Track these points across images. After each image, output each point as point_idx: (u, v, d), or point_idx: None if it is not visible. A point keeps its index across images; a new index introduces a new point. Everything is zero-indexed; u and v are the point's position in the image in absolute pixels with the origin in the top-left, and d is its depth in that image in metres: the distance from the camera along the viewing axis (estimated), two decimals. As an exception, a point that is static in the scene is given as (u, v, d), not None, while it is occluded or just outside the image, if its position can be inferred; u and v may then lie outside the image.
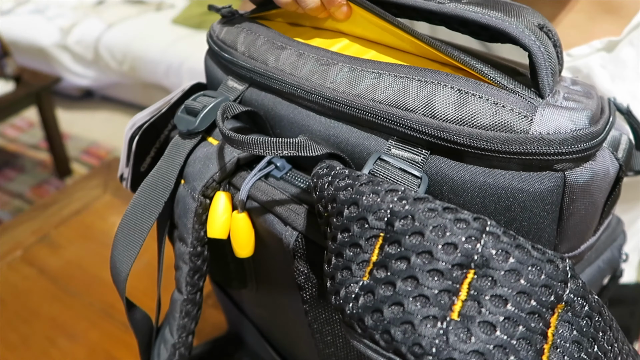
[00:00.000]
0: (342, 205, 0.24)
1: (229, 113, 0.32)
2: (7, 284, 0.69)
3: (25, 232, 0.76)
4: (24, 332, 0.63)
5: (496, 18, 0.27)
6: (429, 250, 0.22)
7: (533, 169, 0.26)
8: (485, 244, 0.22)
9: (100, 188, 0.85)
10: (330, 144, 0.31)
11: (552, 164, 0.26)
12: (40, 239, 0.75)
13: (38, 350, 0.61)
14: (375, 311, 0.22)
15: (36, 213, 0.79)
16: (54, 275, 0.70)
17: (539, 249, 0.22)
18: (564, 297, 0.21)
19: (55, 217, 0.78)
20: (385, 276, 0.22)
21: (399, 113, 0.28)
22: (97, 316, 0.65)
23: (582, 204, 0.28)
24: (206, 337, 0.60)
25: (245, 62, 0.35)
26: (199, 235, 0.33)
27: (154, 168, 0.34)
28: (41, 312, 0.65)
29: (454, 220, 0.22)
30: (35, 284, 0.69)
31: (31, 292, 0.68)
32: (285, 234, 0.31)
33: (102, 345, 0.62)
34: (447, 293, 0.21)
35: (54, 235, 0.76)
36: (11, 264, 0.71)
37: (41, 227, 0.77)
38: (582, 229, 0.30)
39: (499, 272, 0.21)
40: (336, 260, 0.24)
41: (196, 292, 0.35)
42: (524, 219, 0.27)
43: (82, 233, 0.76)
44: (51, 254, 0.73)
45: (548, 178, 0.26)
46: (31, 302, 0.67)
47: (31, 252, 0.73)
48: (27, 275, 0.70)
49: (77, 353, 0.61)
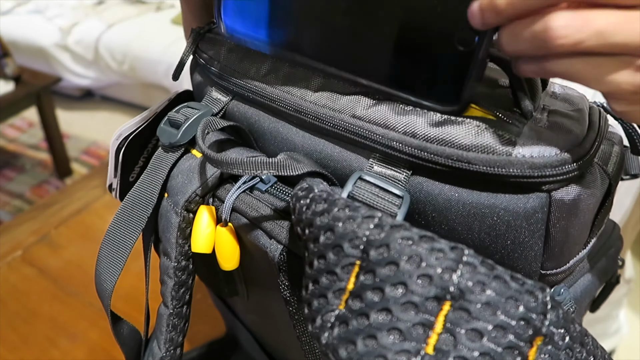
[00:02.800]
0: (319, 230, 0.24)
1: (209, 128, 0.31)
2: (7, 284, 0.69)
3: (25, 232, 0.76)
4: (24, 332, 0.64)
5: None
6: (403, 281, 0.21)
7: (517, 190, 0.25)
8: (462, 275, 0.21)
9: (100, 188, 0.85)
10: (314, 160, 0.31)
11: (537, 186, 0.25)
12: (40, 239, 0.76)
13: (38, 350, 0.62)
14: (349, 343, 0.22)
15: (36, 213, 0.79)
16: (54, 275, 0.70)
17: (517, 279, 0.21)
18: (542, 329, 0.21)
19: (55, 217, 0.79)
20: (359, 307, 0.22)
21: (380, 131, 0.27)
22: (97, 316, 0.65)
23: (569, 222, 0.27)
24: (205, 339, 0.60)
25: (227, 73, 0.34)
26: (183, 250, 0.33)
27: (137, 181, 0.34)
28: (41, 312, 0.66)
29: (430, 250, 0.22)
30: (35, 284, 0.69)
31: (31, 292, 0.68)
32: (270, 247, 0.31)
33: (101, 345, 0.62)
34: (422, 326, 0.21)
35: (54, 235, 0.76)
36: (11, 264, 0.72)
37: (41, 227, 0.77)
38: (570, 245, 0.29)
39: (475, 304, 0.21)
40: (313, 287, 0.24)
41: (182, 306, 0.35)
42: (509, 238, 0.27)
43: (82, 233, 0.76)
44: (51, 254, 0.73)
45: (533, 198, 0.26)
46: (31, 302, 0.67)
47: (31, 252, 0.74)
48: (27, 275, 0.70)
49: (77, 353, 0.62)
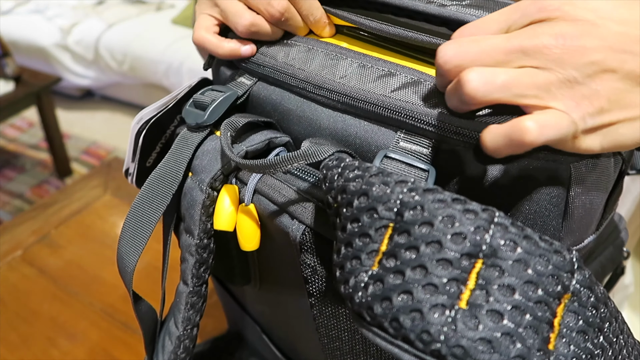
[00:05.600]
0: (352, 195, 0.25)
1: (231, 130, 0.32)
2: (7, 284, 0.68)
3: (25, 232, 0.76)
4: (24, 332, 0.63)
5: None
6: (438, 240, 0.22)
7: (539, 162, 0.27)
8: (494, 234, 0.22)
9: (100, 188, 0.85)
10: (338, 139, 0.32)
11: (559, 158, 0.26)
12: (40, 239, 0.75)
13: (38, 350, 0.61)
14: (384, 299, 0.22)
15: (36, 213, 0.79)
16: (54, 275, 0.70)
17: (546, 240, 0.22)
18: (570, 287, 0.22)
19: (55, 217, 0.78)
20: (394, 265, 0.23)
21: (409, 107, 0.29)
22: (97, 316, 0.65)
23: (586, 197, 0.28)
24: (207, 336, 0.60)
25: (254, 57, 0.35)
26: (206, 228, 0.34)
27: (161, 161, 0.35)
28: (41, 312, 0.65)
29: (463, 210, 0.22)
30: (35, 284, 0.69)
31: (31, 292, 0.68)
32: (292, 227, 0.32)
33: (102, 345, 0.62)
34: (456, 282, 0.22)
35: (54, 235, 0.76)
36: (11, 264, 0.71)
37: (41, 227, 0.77)
38: (586, 223, 0.30)
39: (506, 261, 0.22)
40: (345, 250, 0.25)
41: (202, 285, 0.35)
42: (531, 212, 0.28)
43: (82, 233, 0.76)
44: (51, 254, 0.73)
45: (554, 171, 0.27)
46: (31, 302, 0.66)
47: (31, 252, 0.73)
48: (27, 275, 0.70)
49: (77, 353, 0.61)
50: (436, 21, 0.31)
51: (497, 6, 0.29)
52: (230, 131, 0.32)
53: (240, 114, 0.35)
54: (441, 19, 0.30)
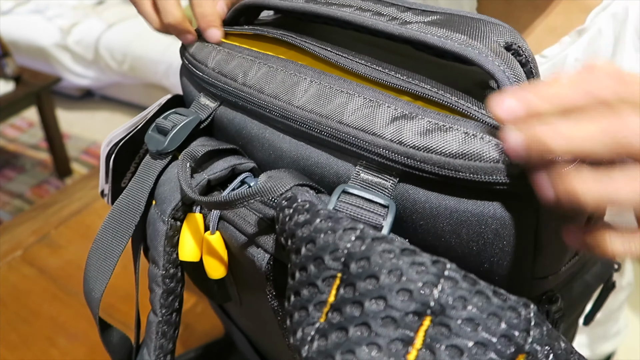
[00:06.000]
0: (300, 242, 0.24)
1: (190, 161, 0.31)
2: (7, 284, 0.69)
3: (25, 232, 0.76)
4: (24, 332, 0.64)
5: (459, 42, 0.25)
6: (383, 296, 0.21)
7: (504, 197, 0.25)
8: (443, 290, 0.21)
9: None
10: (300, 167, 0.31)
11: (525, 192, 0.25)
12: (40, 239, 0.76)
13: (38, 350, 0.62)
14: (328, 357, 0.21)
15: (36, 213, 0.80)
16: (54, 275, 0.71)
17: (500, 294, 0.21)
18: (525, 346, 0.20)
19: (55, 217, 0.79)
20: (339, 321, 0.22)
21: (367, 138, 0.27)
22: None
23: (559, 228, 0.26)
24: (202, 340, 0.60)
25: (215, 79, 0.34)
26: (171, 258, 0.33)
27: (125, 189, 0.34)
28: (41, 312, 0.66)
29: (411, 263, 0.21)
30: (35, 284, 0.69)
31: (31, 292, 0.68)
32: (257, 256, 0.31)
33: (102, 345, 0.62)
34: (401, 342, 0.20)
35: (54, 235, 0.76)
36: (11, 264, 0.72)
37: (41, 227, 0.77)
38: (560, 252, 0.29)
39: (455, 320, 0.20)
40: (295, 299, 0.24)
41: (171, 313, 0.35)
42: (498, 246, 0.26)
43: (82, 233, 0.76)
44: (51, 254, 0.73)
45: (521, 205, 0.25)
46: (31, 302, 0.67)
47: (31, 252, 0.74)
48: (27, 275, 0.70)
49: (77, 353, 0.62)
50: (399, 40, 0.29)
51: (462, 24, 0.27)
52: (190, 161, 0.31)
53: (202, 140, 0.33)
54: (402, 39, 0.28)
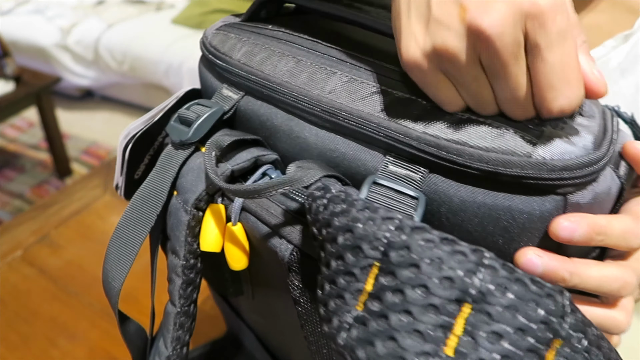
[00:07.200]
0: (337, 231, 0.24)
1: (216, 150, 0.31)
2: (7, 284, 0.68)
3: (25, 232, 0.76)
4: (24, 332, 0.63)
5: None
6: (424, 284, 0.21)
7: (534, 192, 0.25)
8: (483, 278, 0.21)
9: (100, 188, 0.85)
10: (326, 159, 0.31)
11: (554, 188, 0.25)
12: (40, 239, 0.75)
13: (38, 350, 0.61)
14: (368, 344, 0.22)
15: (36, 213, 0.79)
16: (54, 275, 0.70)
17: (537, 282, 0.21)
18: (561, 332, 0.21)
19: (55, 217, 0.78)
20: (379, 309, 0.22)
21: (399, 129, 0.27)
22: (97, 316, 0.65)
23: None
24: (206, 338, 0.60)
25: (240, 69, 0.34)
26: (192, 248, 0.33)
27: (146, 179, 0.34)
28: (41, 312, 0.65)
29: (451, 252, 0.21)
30: (35, 284, 0.69)
31: (31, 292, 0.68)
32: (280, 247, 0.31)
33: (102, 345, 0.62)
34: (442, 329, 0.21)
35: (54, 235, 0.75)
36: (11, 264, 0.71)
37: (41, 227, 0.77)
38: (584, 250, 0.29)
39: (496, 307, 0.21)
40: (330, 288, 0.24)
41: (190, 305, 0.35)
42: (523, 240, 0.27)
43: (82, 233, 0.76)
44: (51, 254, 0.73)
45: (549, 201, 0.25)
46: (31, 302, 0.66)
47: (31, 252, 0.73)
48: (27, 275, 0.70)
49: (77, 353, 0.61)
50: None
51: None
52: (215, 151, 0.31)
53: (226, 131, 0.34)
54: None
